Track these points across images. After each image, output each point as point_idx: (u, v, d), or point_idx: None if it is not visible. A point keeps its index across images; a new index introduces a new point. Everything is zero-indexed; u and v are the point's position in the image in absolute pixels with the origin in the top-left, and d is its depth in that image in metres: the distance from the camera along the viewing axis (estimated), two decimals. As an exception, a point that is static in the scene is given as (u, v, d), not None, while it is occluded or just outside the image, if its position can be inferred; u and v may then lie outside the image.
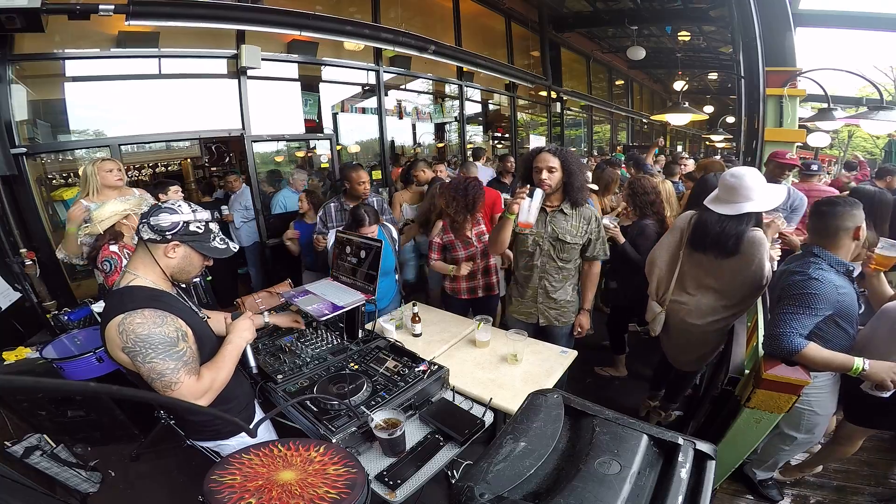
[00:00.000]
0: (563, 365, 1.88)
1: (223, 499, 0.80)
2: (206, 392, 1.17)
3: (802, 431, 1.70)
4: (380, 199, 3.18)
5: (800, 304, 1.47)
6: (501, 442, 0.84)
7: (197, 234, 1.20)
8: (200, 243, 1.21)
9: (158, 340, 1.10)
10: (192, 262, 1.24)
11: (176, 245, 1.19)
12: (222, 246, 1.26)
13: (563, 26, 8.55)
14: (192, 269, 1.26)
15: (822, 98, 4.03)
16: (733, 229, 1.81)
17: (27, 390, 2.13)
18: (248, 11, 3.77)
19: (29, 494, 1.22)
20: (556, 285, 2.09)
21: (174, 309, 1.17)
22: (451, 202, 2.40)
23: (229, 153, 5.77)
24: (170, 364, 1.10)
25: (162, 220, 1.16)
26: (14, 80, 3.00)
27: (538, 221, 1.98)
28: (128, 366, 1.14)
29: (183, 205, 1.20)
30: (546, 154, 1.94)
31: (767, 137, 4.08)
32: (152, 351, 1.09)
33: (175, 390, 1.11)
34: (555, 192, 1.99)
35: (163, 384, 1.10)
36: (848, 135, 13.14)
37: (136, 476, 2.22)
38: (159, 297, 1.17)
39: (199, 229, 1.21)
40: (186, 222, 1.18)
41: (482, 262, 2.51)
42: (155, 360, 1.09)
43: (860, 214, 1.52)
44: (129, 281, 1.17)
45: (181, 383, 1.11)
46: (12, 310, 2.65)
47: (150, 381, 1.11)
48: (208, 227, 1.24)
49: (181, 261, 1.21)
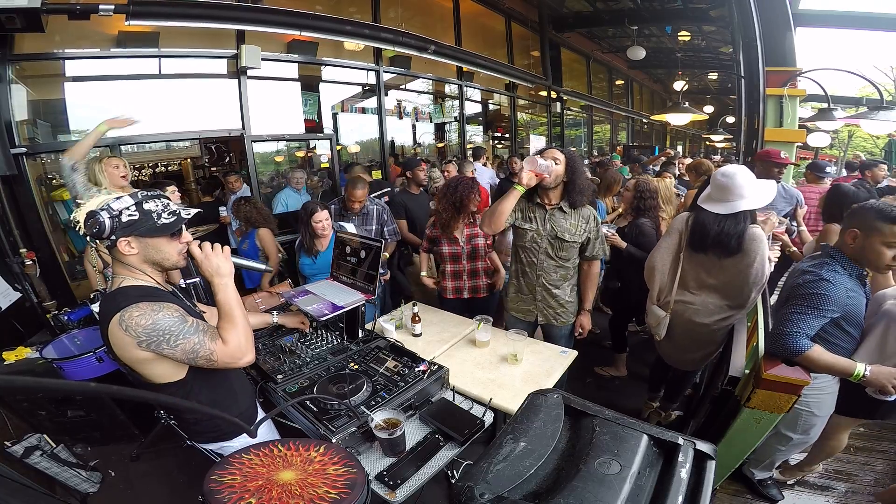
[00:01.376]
0: (563, 365, 1.88)
1: (223, 499, 0.80)
2: (240, 349, 1.15)
3: (799, 432, 1.70)
4: (380, 208, 3.17)
5: (808, 304, 1.45)
6: (501, 442, 0.84)
7: (134, 221, 1.13)
8: (145, 227, 1.14)
9: (167, 323, 1.08)
10: (157, 249, 1.17)
11: (126, 241, 1.13)
12: (171, 219, 1.17)
13: (563, 26, 8.56)
14: (166, 255, 1.19)
15: (822, 98, 4.03)
16: (733, 228, 1.81)
17: (27, 390, 2.13)
18: (248, 11, 3.78)
19: (29, 494, 1.22)
20: (555, 283, 2.10)
21: (168, 301, 1.16)
22: (441, 199, 2.49)
23: (229, 153, 5.76)
24: (195, 339, 1.10)
25: (92, 226, 1.10)
26: (14, 80, 3.00)
27: (536, 218, 2.03)
28: (148, 362, 1.11)
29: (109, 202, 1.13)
30: (554, 149, 2.01)
31: (767, 137, 4.08)
32: (169, 335, 1.07)
33: (218, 359, 1.11)
34: (555, 189, 1.99)
35: (204, 360, 1.10)
36: (848, 135, 13.16)
37: (136, 476, 2.22)
38: (152, 293, 1.15)
39: (133, 216, 1.13)
40: (113, 217, 1.11)
41: (468, 265, 2.52)
42: (181, 340, 1.08)
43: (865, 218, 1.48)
44: (119, 283, 1.15)
45: (216, 351, 1.11)
46: (12, 310, 2.65)
47: (191, 362, 1.11)
48: (143, 209, 1.14)
49: (144, 251, 1.16)
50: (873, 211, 1.44)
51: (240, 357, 1.15)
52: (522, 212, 2.08)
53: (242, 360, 1.15)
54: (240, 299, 1.23)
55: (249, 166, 4.10)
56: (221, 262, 1.22)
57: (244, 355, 1.16)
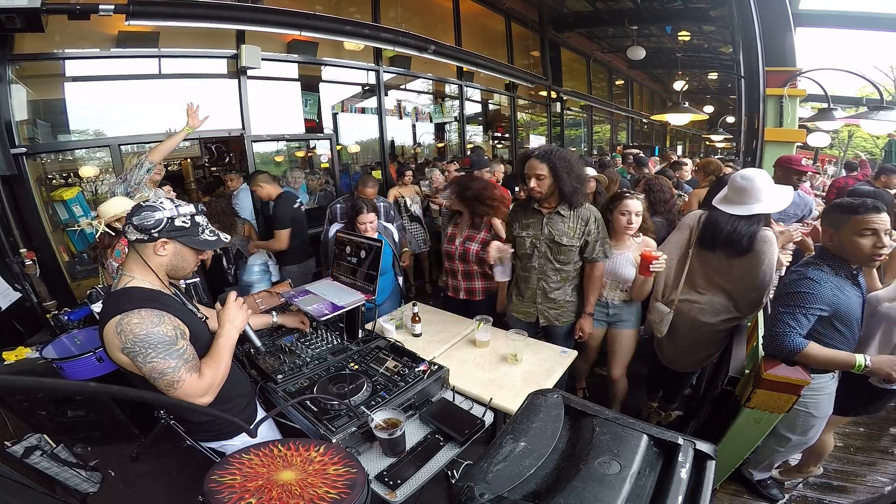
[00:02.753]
0: (563, 365, 1.88)
1: (223, 499, 0.80)
2: (209, 389, 1.16)
3: (798, 433, 1.70)
4: (387, 205, 3.21)
5: (794, 302, 1.47)
6: (501, 442, 0.84)
7: (184, 228, 1.18)
8: (189, 237, 1.19)
9: (157, 339, 1.09)
10: (184, 258, 1.22)
11: (164, 242, 1.16)
12: (213, 238, 1.24)
13: (563, 26, 8.56)
14: (185, 265, 1.24)
15: (822, 98, 4.04)
16: (745, 229, 1.81)
17: (27, 390, 2.13)
18: (248, 11, 3.78)
19: (29, 494, 1.22)
20: (554, 286, 2.10)
21: (171, 309, 1.16)
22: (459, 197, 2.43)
23: (229, 153, 5.77)
24: (170, 363, 1.10)
25: (145, 218, 1.14)
26: (14, 80, 3.00)
27: (534, 224, 2.06)
28: (128, 367, 1.14)
29: (165, 201, 1.18)
30: (533, 161, 1.95)
31: (767, 137, 4.08)
32: (152, 350, 1.08)
33: (178, 389, 1.10)
34: (549, 197, 2.00)
35: (165, 383, 1.10)
36: (848, 135, 13.16)
37: (136, 476, 2.22)
38: (156, 298, 1.16)
39: (186, 223, 1.19)
40: (171, 218, 1.16)
41: (461, 266, 2.49)
42: (156, 360, 1.08)
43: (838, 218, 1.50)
44: (126, 283, 1.16)
45: (183, 381, 1.11)
46: (12, 310, 2.65)
47: (152, 380, 1.11)
48: (195, 221, 1.21)
49: (172, 258, 1.20)
50: (836, 207, 1.51)
51: (202, 395, 1.14)
52: (520, 221, 2.10)
53: (202, 398, 1.15)
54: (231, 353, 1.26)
55: (249, 166, 4.10)
56: (241, 316, 1.28)
57: (205, 394, 1.15)
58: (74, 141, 3.45)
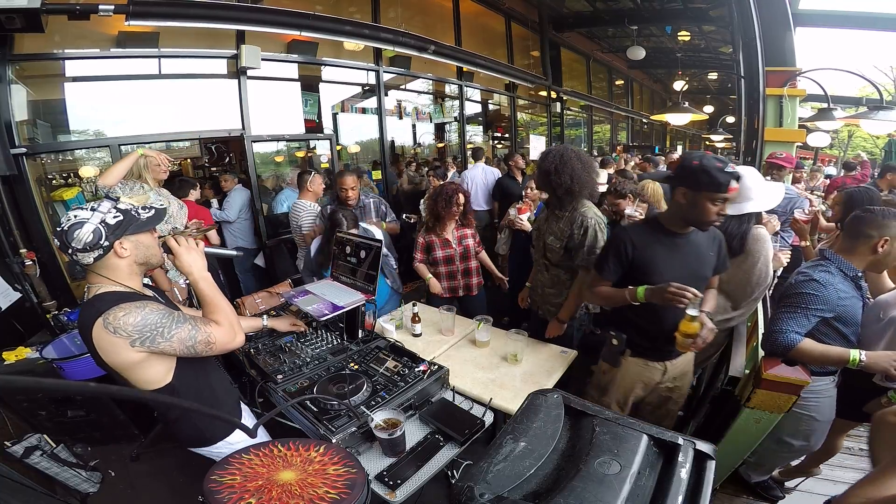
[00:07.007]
0: (563, 365, 1.88)
1: (223, 499, 0.80)
2: (233, 327, 1.18)
3: (800, 438, 1.70)
4: (377, 201, 3.15)
5: (797, 303, 1.48)
6: (501, 442, 0.84)
7: (121, 221, 1.12)
8: (133, 226, 1.14)
9: (155, 317, 1.07)
10: (146, 245, 1.18)
11: (120, 242, 1.11)
12: (151, 213, 1.19)
13: (563, 26, 8.55)
14: (153, 251, 1.20)
15: (822, 98, 4.03)
16: (736, 228, 1.81)
17: (27, 390, 2.13)
18: (248, 11, 3.77)
19: (29, 494, 1.22)
20: (545, 283, 2.18)
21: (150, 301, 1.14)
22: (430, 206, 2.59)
23: (229, 153, 5.76)
24: (187, 326, 1.10)
25: (83, 237, 1.06)
26: (14, 80, 3.00)
27: (541, 219, 2.22)
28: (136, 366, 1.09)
29: (82, 212, 1.10)
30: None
31: (767, 137, 4.08)
32: (161, 327, 1.06)
33: (215, 342, 1.12)
34: (549, 197, 2.11)
35: (202, 345, 1.11)
36: (848, 135, 13.17)
37: (136, 476, 2.21)
38: (132, 297, 1.12)
39: (119, 216, 1.12)
40: (103, 221, 1.10)
41: (461, 265, 2.60)
42: (175, 331, 1.08)
43: (890, 227, 1.46)
44: (96, 291, 1.12)
45: (212, 333, 1.12)
46: (12, 310, 2.65)
47: (188, 351, 1.11)
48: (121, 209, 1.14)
49: (136, 250, 1.15)
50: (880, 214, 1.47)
51: (233, 336, 1.16)
52: (541, 217, 2.25)
53: (237, 339, 1.17)
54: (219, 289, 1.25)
55: (249, 167, 4.09)
56: (194, 259, 1.23)
57: (237, 335, 1.17)
58: (74, 141, 3.44)
